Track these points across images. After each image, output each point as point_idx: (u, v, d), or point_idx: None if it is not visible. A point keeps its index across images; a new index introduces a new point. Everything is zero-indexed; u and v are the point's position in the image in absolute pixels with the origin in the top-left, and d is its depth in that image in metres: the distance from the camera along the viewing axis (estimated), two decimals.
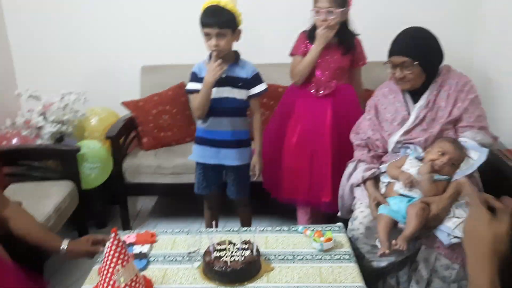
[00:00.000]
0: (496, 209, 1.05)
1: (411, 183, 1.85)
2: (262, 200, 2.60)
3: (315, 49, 2.32)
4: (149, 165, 2.80)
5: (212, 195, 2.42)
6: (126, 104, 3.00)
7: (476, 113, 1.95)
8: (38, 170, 2.61)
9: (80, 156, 2.60)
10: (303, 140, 2.40)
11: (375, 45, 2.87)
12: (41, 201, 2.28)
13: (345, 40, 2.37)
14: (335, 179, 2.28)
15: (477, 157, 1.86)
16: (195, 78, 2.21)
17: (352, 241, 1.95)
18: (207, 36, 2.10)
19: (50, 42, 3.26)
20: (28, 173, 2.59)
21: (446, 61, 2.03)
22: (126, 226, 2.89)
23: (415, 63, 1.90)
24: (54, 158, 2.66)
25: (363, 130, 2.17)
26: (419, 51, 1.91)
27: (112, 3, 3.17)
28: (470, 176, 1.87)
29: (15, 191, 2.41)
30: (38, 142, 2.78)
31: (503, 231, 1.01)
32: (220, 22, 2.06)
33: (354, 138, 2.20)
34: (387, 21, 3.04)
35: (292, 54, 2.47)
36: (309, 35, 2.39)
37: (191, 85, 2.22)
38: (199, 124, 2.30)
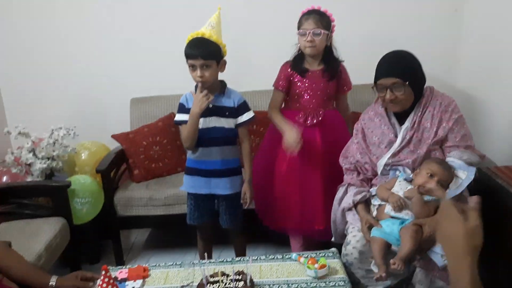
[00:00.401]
0: (464, 209, 1.11)
1: (401, 205, 1.85)
2: (256, 228, 2.58)
3: (279, 124, 2.36)
4: (140, 197, 2.78)
5: (204, 225, 2.40)
6: (116, 137, 3.00)
7: (461, 132, 1.97)
8: (28, 208, 2.58)
9: (71, 191, 2.59)
10: (293, 168, 2.39)
11: (361, 68, 2.92)
12: (31, 239, 2.25)
13: (330, 67, 2.39)
14: (327, 206, 2.26)
15: (465, 176, 1.87)
16: (183, 109, 2.22)
17: (347, 266, 1.93)
18: (192, 67, 2.12)
19: (38, 77, 3.27)
20: (19, 211, 2.56)
21: (430, 83, 2.06)
22: (119, 261, 2.85)
23: (406, 83, 1.92)
24: (44, 195, 2.64)
25: (351, 153, 2.18)
26: (408, 72, 1.94)
27: (99, 37, 3.20)
28: (460, 195, 1.87)
29: (6, 230, 2.38)
30: (29, 179, 2.76)
31: (474, 225, 1.07)
32: (204, 53, 2.09)
33: (343, 162, 2.21)
34: (373, 45, 3.08)
35: (273, 86, 2.48)
36: (293, 64, 2.40)
37: (179, 117, 2.23)
38: (189, 154, 2.30)
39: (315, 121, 2.37)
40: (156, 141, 3.01)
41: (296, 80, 2.40)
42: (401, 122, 2.05)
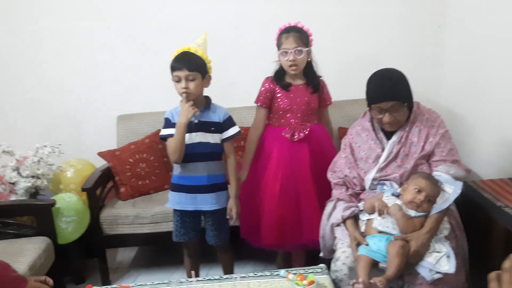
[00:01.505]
0: None
1: (383, 211, 1.87)
2: (244, 245, 2.56)
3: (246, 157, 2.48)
4: (127, 215, 2.74)
5: (191, 242, 2.37)
6: (102, 155, 2.98)
7: (447, 147, 1.98)
8: (12, 227, 2.53)
9: (56, 210, 2.54)
10: (287, 187, 2.37)
11: (347, 84, 2.96)
12: (15, 260, 2.20)
13: (312, 81, 2.41)
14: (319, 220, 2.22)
15: (452, 190, 1.88)
16: (169, 124, 2.21)
17: (336, 283, 1.91)
18: (177, 79, 2.13)
19: (23, 95, 3.25)
20: (2, 230, 2.51)
21: (415, 99, 2.07)
22: (106, 280, 2.80)
23: (405, 104, 1.93)
24: (28, 214, 2.59)
25: (339, 168, 2.18)
26: (404, 92, 1.96)
27: (84, 55, 3.19)
28: (446, 210, 1.88)
29: None
30: (12, 198, 2.72)
31: None
32: (190, 65, 2.10)
33: (332, 177, 2.21)
34: (358, 62, 3.15)
35: (256, 103, 2.48)
36: (276, 79, 2.42)
37: (165, 131, 2.22)
38: (175, 170, 2.29)
39: (302, 135, 2.37)
40: (143, 158, 2.99)
41: (279, 95, 2.41)
42: (389, 137, 2.05)
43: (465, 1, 2.85)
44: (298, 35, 2.30)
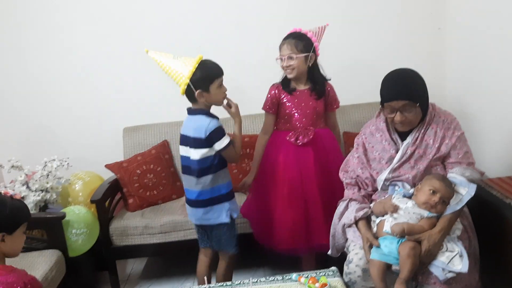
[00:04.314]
0: None
1: (396, 211, 1.88)
2: (255, 252, 2.56)
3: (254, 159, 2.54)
4: (136, 226, 2.75)
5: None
6: (109, 167, 2.99)
7: (463, 149, 1.97)
8: None
9: (66, 222, 2.55)
10: (295, 190, 2.39)
11: (350, 88, 2.97)
12: None
13: (316, 86, 2.43)
14: (328, 223, 2.23)
15: (465, 192, 1.86)
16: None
17: (350, 285, 1.91)
18: (220, 84, 2.20)
19: (30, 109, 3.28)
20: None
21: None
22: None
23: (417, 104, 1.92)
24: (38, 227, 2.60)
25: (352, 168, 2.16)
26: (417, 92, 1.93)
27: (89, 67, 3.22)
28: (460, 211, 1.87)
29: None
30: None
31: None
32: None
33: (344, 177, 2.19)
34: (359, 66, 3.16)
35: (263, 109, 2.52)
36: (282, 84, 2.47)
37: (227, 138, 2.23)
38: (225, 179, 2.30)
39: (306, 140, 2.38)
40: (150, 169, 3.00)
41: (285, 100, 2.44)
42: (403, 138, 2.04)
43: (464, 3, 2.87)
44: (294, 42, 2.33)
